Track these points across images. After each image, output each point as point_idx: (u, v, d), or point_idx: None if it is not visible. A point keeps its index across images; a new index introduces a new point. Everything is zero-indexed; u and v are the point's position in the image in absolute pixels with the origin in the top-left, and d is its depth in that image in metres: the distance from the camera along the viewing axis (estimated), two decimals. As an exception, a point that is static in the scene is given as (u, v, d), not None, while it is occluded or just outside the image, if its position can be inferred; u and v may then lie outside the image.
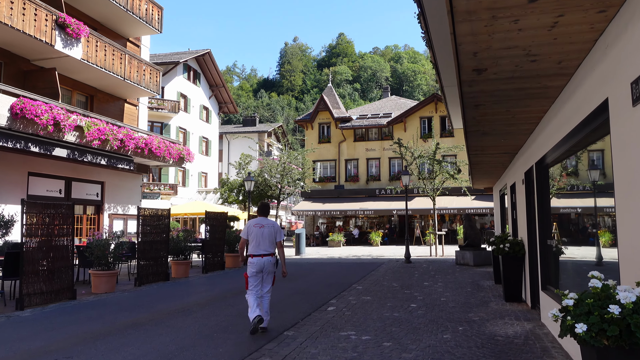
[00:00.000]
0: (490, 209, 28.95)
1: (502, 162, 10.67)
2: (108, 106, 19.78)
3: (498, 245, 8.88)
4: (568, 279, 6.37)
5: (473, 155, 9.81)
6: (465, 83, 5.01)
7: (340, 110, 35.92)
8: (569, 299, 2.58)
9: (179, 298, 9.66)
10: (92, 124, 15.80)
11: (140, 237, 11.51)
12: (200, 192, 40.94)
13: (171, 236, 13.44)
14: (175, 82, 37.93)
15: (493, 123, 6.75)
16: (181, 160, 21.03)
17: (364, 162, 34.39)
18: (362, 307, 8.42)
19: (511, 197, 11.05)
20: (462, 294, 9.75)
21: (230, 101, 46.12)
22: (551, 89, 5.08)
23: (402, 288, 10.76)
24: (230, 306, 8.61)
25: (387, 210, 31.36)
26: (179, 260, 13.27)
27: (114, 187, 19.75)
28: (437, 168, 20.77)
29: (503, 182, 12.91)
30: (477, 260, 15.71)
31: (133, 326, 6.95)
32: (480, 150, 9.12)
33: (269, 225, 6.74)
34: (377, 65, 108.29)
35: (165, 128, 37.03)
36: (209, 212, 14.96)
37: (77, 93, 18.37)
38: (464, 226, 16.52)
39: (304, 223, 36.56)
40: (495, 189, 16.11)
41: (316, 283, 11.88)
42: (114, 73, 17.73)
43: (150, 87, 20.08)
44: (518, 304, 8.58)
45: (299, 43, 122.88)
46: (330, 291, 10.40)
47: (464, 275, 13.05)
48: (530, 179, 8.21)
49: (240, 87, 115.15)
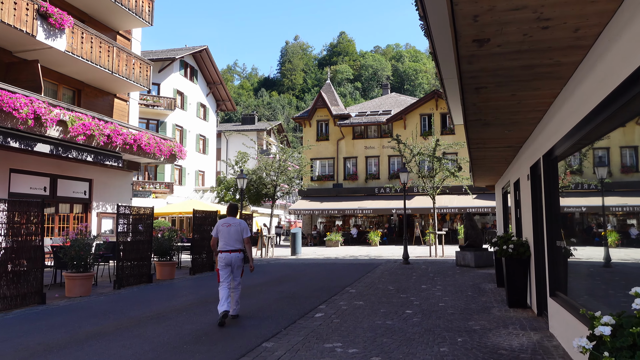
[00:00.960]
0: (492, 208, 28.22)
1: (505, 157, 9.98)
2: (96, 101, 19.11)
3: (501, 247, 8.19)
4: (576, 282, 5.69)
5: (474, 150, 9.11)
6: (464, 60, 4.32)
7: (338, 108, 35.22)
8: (603, 324, 1.88)
9: (157, 302, 8.98)
10: (77, 118, 15.15)
11: (120, 236, 10.83)
12: (197, 190, 40.28)
13: (156, 236, 12.78)
14: (172, 78, 37.28)
15: (496, 111, 6.06)
16: (173, 157, 20.37)
17: (362, 160, 33.68)
18: (352, 313, 7.73)
19: (515, 194, 10.35)
20: (462, 299, 9.06)
21: (228, 98, 45.46)
22: (565, 66, 4.38)
23: (398, 292, 10.07)
24: (209, 312, 7.93)
25: (386, 210, 30.66)
26: (163, 261, 12.60)
27: (102, 184, 19.09)
28: (437, 165, 20.05)
29: (506, 179, 12.22)
30: (478, 261, 15.01)
31: (96, 336, 6.27)
32: (482, 144, 8.42)
33: (235, 224, 7.42)
34: (378, 64, 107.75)
35: (161, 126, 36.38)
36: (197, 210, 14.28)
37: (63, 87, 17.70)
38: (465, 226, 15.83)
39: (302, 222, 35.86)
40: (498, 187, 15.41)
41: (307, 286, 11.20)
42: (101, 66, 17.06)
43: (140, 82, 19.41)
44: (523, 310, 7.89)
45: (300, 42, 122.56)
46: (320, 295, 9.72)
47: (465, 278, 12.35)
48: (536, 174, 7.52)
49: (240, 86, 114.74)
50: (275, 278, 12.90)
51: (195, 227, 13.99)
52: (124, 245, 10.94)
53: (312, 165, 34.77)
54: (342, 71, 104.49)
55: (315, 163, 34.77)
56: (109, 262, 12.28)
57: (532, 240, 7.61)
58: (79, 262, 9.53)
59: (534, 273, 7.54)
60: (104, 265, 12.54)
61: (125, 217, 11.10)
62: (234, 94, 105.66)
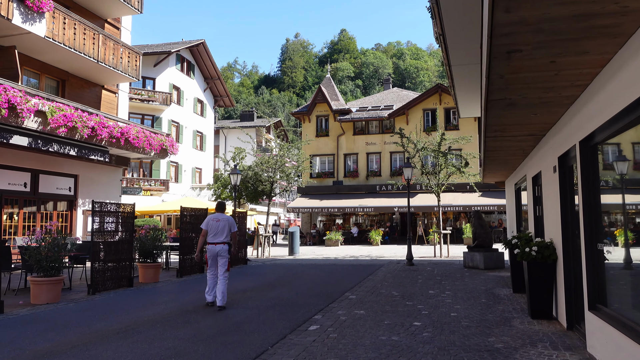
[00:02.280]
0: (498, 206, 27.16)
1: (524, 148, 8.92)
2: (82, 92, 18.07)
3: (523, 249, 7.14)
4: (623, 293, 4.67)
5: (490, 139, 8.06)
6: (500, 6, 3.26)
7: (339, 103, 34.14)
8: None
9: (132, 311, 7.94)
10: (57, 109, 14.10)
11: (96, 236, 9.80)
12: (194, 188, 39.27)
13: (140, 235, 11.75)
14: (168, 73, 36.24)
15: (526, 87, 5.00)
16: (164, 152, 19.32)
17: (363, 156, 32.62)
18: (352, 326, 6.69)
19: (533, 190, 9.30)
20: (477, 307, 8.02)
21: (226, 94, 44.41)
22: (631, 16, 3.34)
23: (403, 298, 9.02)
24: (187, 324, 6.89)
25: (388, 208, 29.61)
26: (147, 263, 11.56)
27: (89, 181, 18.06)
28: (442, 161, 18.97)
29: (520, 174, 11.16)
30: (488, 263, 13.96)
31: (42, 358, 5.24)
32: (501, 131, 7.37)
33: (224, 220, 8.32)
34: (379, 62, 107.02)
35: (156, 121, 35.35)
36: (185, 208, 13.24)
37: (46, 76, 16.66)
38: (473, 224, 14.78)
39: (301, 221, 34.83)
40: (509, 183, 14.36)
41: (302, 291, 10.16)
42: (85, 54, 16.01)
43: (129, 72, 18.36)
44: (548, 322, 6.85)
45: (301, 39, 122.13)
46: (317, 302, 8.68)
47: (475, 282, 11.30)
48: (566, 164, 6.48)
49: (241, 84, 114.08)
50: (267, 281, 11.86)
51: (182, 226, 12.95)
52: (102, 246, 9.90)
53: (312, 161, 33.73)
54: (343, 69, 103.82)
55: (315, 159, 33.72)
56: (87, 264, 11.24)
57: (561, 242, 6.57)
58: (47, 264, 8.50)
59: (563, 280, 6.50)
60: (82, 267, 11.49)
61: (102, 215, 10.06)
62: (234, 91, 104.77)
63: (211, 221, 8.27)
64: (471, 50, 8.71)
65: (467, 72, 11.56)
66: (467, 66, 11.46)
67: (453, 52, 9.98)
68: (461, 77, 12.06)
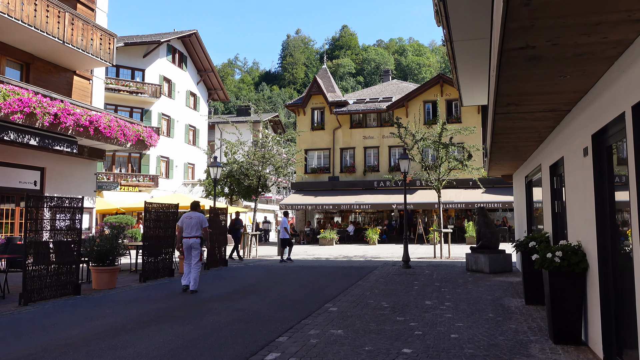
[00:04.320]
0: (503, 203, 25.58)
1: (540, 130, 7.36)
2: (50, 77, 16.54)
3: (543, 254, 5.59)
4: None
5: (501, 118, 6.50)
6: None
7: (335, 94, 32.52)
8: None
9: (59, 329, 6.43)
10: (11, 92, 12.59)
11: (29, 235, 8.29)
12: (186, 184, 37.77)
13: (96, 234, 10.24)
14: (158, 64, 34.70)
15: (562, 21, 3.44)
16: (141, 143, 17.77)
17: (361, 151, 31.02)
18: (323, 354, 5.16)
19: (552, 182, 7.75)
20: (483, 325, 6.47)
21: (220, 87, 42.87)
22: None
23: (394, 311, 7.48)
24: (109, 351, 5.35)
25: (387, 205, 28.03)
26: (101, 266, 10.03)
27: (58, 174, 16.54)
28: (443, 153, 17.38)
29: (534, 163, 9.60)
30: (494, 266, 12.40)
31: None
32: (515, 104, 5.81)
33: (196, 217, 9.79)
34: (381, 58, 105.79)
35: (145, 114, 33.83)
36: (150, 203, 11.70)
37: (6, 59, 15.12)
38: (477, 222, 13.22)
39: (295, 218, 33.31)
40: (518, 176, 12.80)
41: (276, 301, 8.63)
42: (48, 34, 14.47)
43: (100, 55, 16.80)
44: (576, 348, 5.31)
45: (302, 36, 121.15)
46: (288, 317, 7.15)
47: (480, 289, 9.75)
48: (604, 144, 4.93)
49: (241, 80, 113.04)
50: (240, 288, 10.33)
51: (147, 224, 11.41)
52: (36, 247, 8.40)
53: (307, 156, 32.16)
54: (344, 65, 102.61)
55: (311, 154, 32.15)
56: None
57: (595, 246, 5.02)
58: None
59: (598, 294, 4.95)
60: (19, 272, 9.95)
61: (39, 211, 8.55)
62: (235, 87, 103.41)
63: (185, 219, 9.86)
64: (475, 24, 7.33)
65: (470, 49, 10.04)
66: (471, 42, 9.91)
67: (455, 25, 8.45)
68: (464, 56, 10.53)
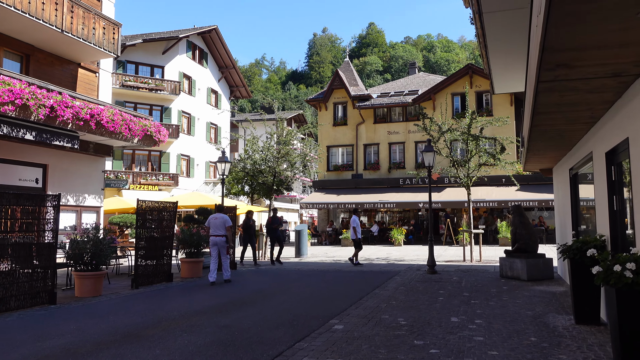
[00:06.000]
0: (539, 201, 23.69)
1: (594, 107, 5.85)
2: (53, 70, 15.75)
3: (610, 267, 4.13)
4: None
5: (546, 88, 5.02)
6: None
7: (358, 88, 31.06)
8: None
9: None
10: (2, 82, 11.74)
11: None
12: (207, 183, 37.05)
13: (73, 236, 9.21)
14: (177, 61, 34.00)
15: None
16: (149, 138, 16.83)
17: (385, 147, 29.47)
18: (307, 399, 3.85)
19: (608, 171, 6.23)
20: (524, 356, 5.03)
21: (242, 84, 41.96)
22: None
23: (411, 332, 6.10)
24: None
25: (413, 203, 26.43)
26: (84, 272, 8.97)
27: (62, 171, 15.75)
28: (472, 147, 15.77)
29: (582, 151, 8.02)
30: (532, 272, 10.81)
31: None
32: (567, 64, 4.34)
33: (220, 218, 11.32)
34: (409, 55, 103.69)
35: (165, 112, 33.20)
36: (143, 201, 10.59)
37: (4, 50, 14.37)
38: (513, 223, 11.62)
39: (317, 218, 32.01)
40: (560, 169, 11.16)
41: (273, 314, 7.35)
42: (44, 22, 13.62)
43: (104, 46, 15.92)
44: (658, 397, 3.83)
45: (329, 34, 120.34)
46: (281, 337, 5.87)
47: (518, 302, 8.24)
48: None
49: (268, 80, 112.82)
50: (238, 297, 9.10)
51: (140, 223, 10.32)
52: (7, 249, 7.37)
53: (329, 153, 30.84)
54: (371, 63, 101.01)
55: (332, 151, 30.81)
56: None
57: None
58: None
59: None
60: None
61: (3, 209, 7.53)
62: (262, 87, 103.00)
63: (211, 219, 11.30)
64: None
65: (502, 22, 8.61)
66: (502, 14, 8.50)
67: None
68: (495, 31, 9.08)
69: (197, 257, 12.60)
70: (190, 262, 12.19)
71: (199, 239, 12.43)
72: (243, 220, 17.77)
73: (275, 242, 16.54)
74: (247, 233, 16.79)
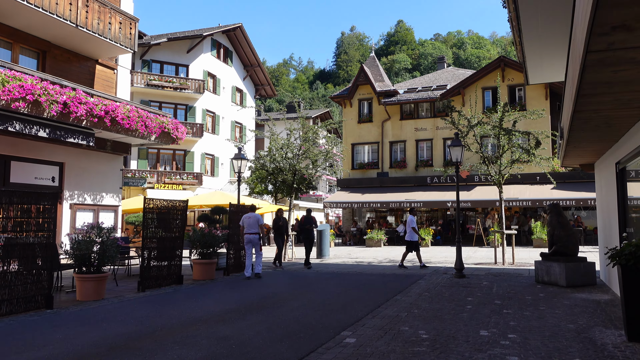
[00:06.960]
0: (577, 200, 22.30)
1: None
2: (70, 66, 15.50)
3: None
4: None
5: (596, 61, 4.16)
6: None
7: (384, 84, 30.14)
8: None
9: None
10: (12, 78, 11.44)
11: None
12: (232, 182, 36.79)
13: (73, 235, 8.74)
14: (202, 59, 33.82)
15: None
16: (166, 135, 16.42)
17: (412, 144, 28.45)
18: None
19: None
20: (569, 383, 4.17)
21: (267, 83, 41.59)
22: None
23: (433, 349, 5.29)
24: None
25: (441, 202, 25.37)
26: (85, 274, 8.48)
27: (79, 170, 15.49)
28: (504, 141, 14.73)
29: (634, 141, 7.04)
30: (572, 277, 9.80)
31: None
32: (627, 25, 3.48)
33: (254, 217, 12.19)
34: (439, 52, 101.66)
35: (190, 111, 33.08)
36: (149, 199, 10.06)
37: (20, 46, 14.16)
38: (550, 223, 10.61)
39: (342, 217, 31.24)
40: (604, 163, 10.09)
41: (280, 323, 6.66)
42: (58, 16, 13.31)
43: (120, 41, 15.57)
44: None
45: (356, 32, 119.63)
46: (283, 353, 5.17)
47: (557, 312, 7.30)
48: None
49: (296, 79, 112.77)
50: (246, 302, 8.44)
51: (146, 222, 9.79)
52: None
53: (354, 151, 30.01)
54: (400, 60, 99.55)
55: (357, 149, 29.98)
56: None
57: None
58: None
59: None
60: None
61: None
62: (289, 87, 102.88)
63: (245, 218, 12.12)
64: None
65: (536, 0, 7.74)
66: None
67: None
68: (530, 11, 8.20)
69: (211, 258, 12.03)
70: (203, 264, 11.62)
71: (213, 239, 11.86)
72: (273, 220, 17.17)
73: (308, 243, 15.74)
74: (277, 233, 16.03)
